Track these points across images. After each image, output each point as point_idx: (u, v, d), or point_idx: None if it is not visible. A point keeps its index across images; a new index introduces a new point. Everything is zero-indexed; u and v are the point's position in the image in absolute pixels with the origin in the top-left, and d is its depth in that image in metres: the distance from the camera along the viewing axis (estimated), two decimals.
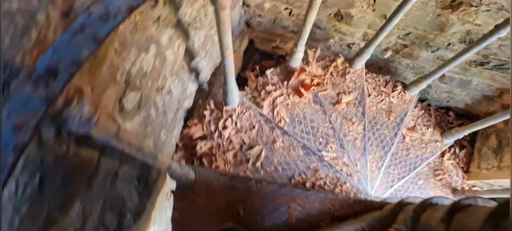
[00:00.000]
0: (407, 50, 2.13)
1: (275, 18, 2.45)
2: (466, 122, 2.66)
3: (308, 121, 2.03)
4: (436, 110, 2.66)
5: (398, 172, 2.39)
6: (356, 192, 1.68)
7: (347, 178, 1.73)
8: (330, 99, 2.18)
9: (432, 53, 1.99)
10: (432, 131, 2.42)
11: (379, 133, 2.28)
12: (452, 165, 2.50)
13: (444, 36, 1.77)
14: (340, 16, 2.14)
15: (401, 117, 2.32)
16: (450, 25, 1.67)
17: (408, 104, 2.32)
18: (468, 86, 2.19)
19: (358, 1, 1.85)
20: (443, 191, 2.47)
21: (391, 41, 2.16)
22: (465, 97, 2.34)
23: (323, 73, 2.26)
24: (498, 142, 2.18)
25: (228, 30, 1.04)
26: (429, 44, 1.93)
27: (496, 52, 1.68)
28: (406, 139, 2.41)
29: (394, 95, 2.33)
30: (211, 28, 1.75)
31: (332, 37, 2.45)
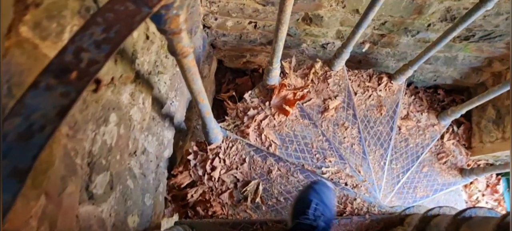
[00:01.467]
0: (386, 39, 2.06)
1: (241, 34, 2.34)
2: (457, 96, 2.62)
3: (300, 138, 1.92)
4: (424, 92, 2.60)
5: (402, 165, 2.31)
6: (369, 206, 1.57)
7: (356, 193, 1.62)
8: (317, 108, 2.07)
9: (412, 37, 1.93)
10: (427, 116, 2.36)
11: (375, 131, 2.20)
12: (454, 144, 2.44)
13: (423, 18, 1.71)
14: (309, 19, 2.05)
15: (393, 109, 2.24)
16: (428, 6, 1.60)
17: (398, 94, 2.25)
18: (454, 62, 2.14)
19: (326, 1, 1.76)
20: (450, 173, 2.40)
21: (367, 33, 2.08)
22: (452, 73, 2.30)
23: (304, 82, 2.15)
24: (496, 112, 2.14)
25: (196, 74, 0.91)
26: (408, 29, 1.86)
27: (481, 24, 1.63)
28: (402, 129, 2.33)
29: (381, 88, 2.25)
30: (176, 66, 1.61)
31: (304, 41, 2.36)
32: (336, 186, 1.63)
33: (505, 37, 1.70)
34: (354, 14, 1.82)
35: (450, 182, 2.40)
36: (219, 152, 1.73)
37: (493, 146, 2.19)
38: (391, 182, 2.27)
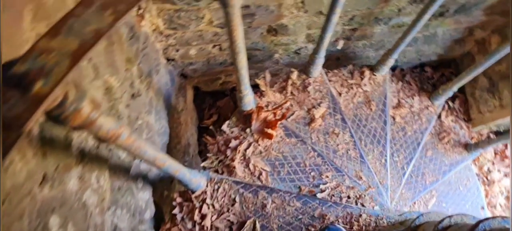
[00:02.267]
0: (358, 32, 1.96)
1: (208, 59, 2.23)
2: (445, 70, 2.52)
3: (291, 159, 1.79)
4: (411, 74, 2.50)
5: (404, 156, 2.19)
6: (376, 219, 1.45)
7: (360, 209, 1.50)
8: (302, 121, 1.95)
9: (385, 25, 1.83)
10: (419, 99, 2.25)
11: (368, 129, 2.08)
12: (453, 121, 2.34)
13: (391, 4, 1.61)
14: (274, 31, 1.95)
15: (382, 101, 2.13)
16: None
17: (384, 85, 2.14)
18: (434, 39, 2.04)
19: (286, 9, 1.66)
20: (455, 151, 2.29)
21: (338, 31, 1.98)
22: (435, 49, 2.20)
23: (283, 96, 2.04)
24: (488, 80, 2.04)
25: (140, 148, 0.79)
26: (378, 18, 1.76)
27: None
28: (396, 119, 2.22)
29: (365, 82, 2.14)
30: (137, 118, 1.49)
31: (275, 51, 2.26)
32: (338, 206, 1.51)
33: (481, 4, 1.61)
34: (319, 16, 1.72)
35: (458, 160, 2.29)
36: (206, 198, 1.59)
37: (493, 114, 2.08)
38: (397, 176, 2.15)
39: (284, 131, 1.83)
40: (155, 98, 1.88)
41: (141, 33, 1.69)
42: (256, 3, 1.60)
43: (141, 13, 1.64)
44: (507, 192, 2.45)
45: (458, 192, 2.35)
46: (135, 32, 1.59)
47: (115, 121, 0.68)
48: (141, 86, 1.66)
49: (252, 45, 2.12)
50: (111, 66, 1.29)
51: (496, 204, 2.42)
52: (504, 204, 2.43)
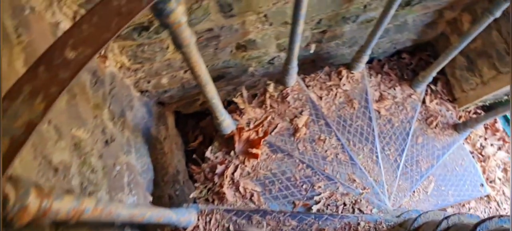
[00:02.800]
0: (328, 34, 1.95)
1: (182, 84, 2.20)
2: (422, 54, 2.53)
3: (280, 175, 1.77)
4: (389, 63, 2.51)
5: (395, 148, 2.19)
6: (375, 225, 1.43)
7: (357, 217, 1.48)
8: (286, 133, 1.93)
9: (353, 23, 1.83)
10: (400, 88, 2.25)
11: (354, 128, 2.07)
12: (438, 104, 2.34)
13: (356, 2, 1.61)
14: (243, 47, 1.93)
15: (364, 98, 2.12)
16: None
17: (363, 81, 2.14)
18: (406, 27, 2.05)
19: (250, 26, 1.64)
20: (445, 134, 2.29)
21: (308, 36, 1.97)
22: (409, 36, 2.21)
23: (263, 111, 2.02)
24: (466, 58, 2.05)
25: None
26: (345, 17, 1.76)
27: None
28: (381, 112, 2.21)
29: (344, 82, 2.13)
30: (114, 165, 1.45)
31: (248, 65, 2.24)
32: (335, 217, 1.49)
33: None
34: (285, 26, 1.70)
35: (449, 142, 2.29)
36: None
37: (476, 92, 2.09)
38: (391, 170, 2.15)
39: (269, 148, 1.80)
40: (132, 136, 1.84)
41: (106, 74, 1.65)
42: (219, 25, 1.58)
43: (103, 55, 1.61)
44: (504, 164, 2.46)
45: (455, 173, 2.36)
46: (99, 76, 1.55)
47: (74, 197, 0.64)
48: (114, 130, 1.61)
49: (224, 64, 2.10)
50: (77, 119, 1.26)
51: (494, 179, 2.43)
52: (502, 177, 2.45)
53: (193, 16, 1.43)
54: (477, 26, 1.50)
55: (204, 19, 1.48)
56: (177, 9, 0.71)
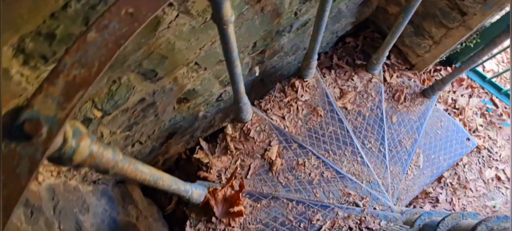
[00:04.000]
0: (268, 52, 1.85)
1: (135, 156, 2.01)
2: (365, 32, 2.52)
3: (273, 223, 1.62)
4: (337, 53, 2.46)
5: (375, 138, 2.12)
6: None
7: None
8: (262, 171, 1.80)
9: (290, 33, 1.74)
10: (358, 77, 2.19)
11: (328, 136, 1.97)
12: (398, 77, 2.31)
13: (285, 15, 1.52)
14: (184, 99, 1.79)
15: (326, 101, 2.04)
16: (280, 4, 1.41)
17: (319, 85, 2.05)
18: (342, 15, 2.00)
19: (183, 79, 1.50)
20: (417, 104, 2.26)
21: (248, 62, 1.86)
22: (346, 21, 2.16)
23: (230, 157, 1.88)
24: (411, 24, 2.03)
25: None
26: (280, 31, 1.67)
27: None
28: (348, 108, 2.14)
29: (301, 93, 2.04)
30: None
31: (198, 111, 2.10)
32: None
33: None
34: (221, 64, 1.58)
35: (423, 110, 2.26)
36: None
37: (432, 53, 2.08)
38: (379, 161, 2.07)
39: (250, 198, 1.66)
40: None
41: (42, 194, 1.44)
42: (150, 91, 1.43)
43: (34, 177, 1.40)
44: (479, 110, 2.48)
45: (438, 137, 2.33)
46: (33, 204, 1.34)
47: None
48: None
49: (171, 122, 1.94)
50: None
51: (476, 127, 2.44)
52: (483, 122, 2.46)
53: (116, 97, 1.26)
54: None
55: (131, 95, 1.33)
56: (80, 147, 0.57)
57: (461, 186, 2.36)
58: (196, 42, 1.26)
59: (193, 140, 2.45)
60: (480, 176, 2.37)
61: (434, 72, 2.46)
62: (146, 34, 1.00)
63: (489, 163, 2.38)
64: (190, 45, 1.24)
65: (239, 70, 1.19)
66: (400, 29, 1.58)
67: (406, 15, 1.47)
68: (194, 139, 2.43)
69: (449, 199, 2.36)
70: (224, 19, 0.84)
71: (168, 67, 1.30)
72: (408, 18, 1.49)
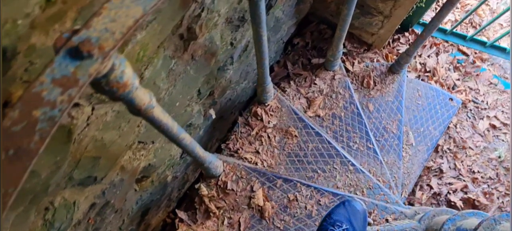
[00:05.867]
0: (217, 92, 1.73)
1: None
2: (310, 27, 2.44)
3: None
4: (289, 59, 2.37)
5: (359, 136, 2.02)
6: None
7: None
8: (255, 222, 1.66)
9: (233, 64, 1.62)
10: (319, 79, 2.10)
11: (311, 154, 1.86)
12: (359, 62, 2.24)
13: (220, 51, 1.39)
14: (144, 177, 1.63)
15: (296, 117, 1.93)
16: (210, 43, 1.28)
17: (282, 103, 1.94)
18: (281, 22, 1.90)
19: (132, 161, 1.35)
20: (388, 84, 2.18)
21: (199, 109, 1.73)
22: (288, 25, 2.08)
23: (214, 219, 1.73)
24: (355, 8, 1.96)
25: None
26: (221, 68, 1.55)
27: None
28: (321, 115, 2.04)
29: (266, 120, 1.92)
30: None
31: (163, 180, 1.93)
32: None
33: None
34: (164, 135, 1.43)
35: (397, 87, 2.19)
36: None
37: (385, 28, 2.02)
38: (371, 159, 1.98)
39: None
40: None
41: None
42: (97, 194, 1.26)
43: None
44: (450, 63, 2.45)
45: (420, 108, 2.27)
46: None
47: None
48: None
49: (138, 204, 1.77)
50: None
51: (453, 83, 2.40)
52: (458, 75, 2.43)
53: (57, 223, 1.09)
54: None
55: (74, 211, 1.15)
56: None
57: (459, 148, 2.31)
58: (128, 125, 1.11)
59: (172, 202, 2.28)
60: (474, 131, 2.32)
61: (394, 42, 2.41)
62: (59, 149, 0.84)
63: (479, 114, 2.35)
64: (123, 131, 1.09)
65: (188, 141, 1.05)
66: (347, 20, 1.50)
67: (349, 5, 1.39)
68: (173, 200, 2.26)
69: (452, 166, 2.31)
70: (143, 109, 0.70)
71: (107, 164, 1.14)
72: (352, 8, 1.41)
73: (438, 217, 1.17)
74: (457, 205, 2.20)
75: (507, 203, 2.20)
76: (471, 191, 2.22)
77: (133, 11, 0.52)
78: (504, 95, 2.38)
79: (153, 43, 0.93)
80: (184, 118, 1.59)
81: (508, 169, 2.25)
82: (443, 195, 2.26)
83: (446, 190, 2.26)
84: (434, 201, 2.28)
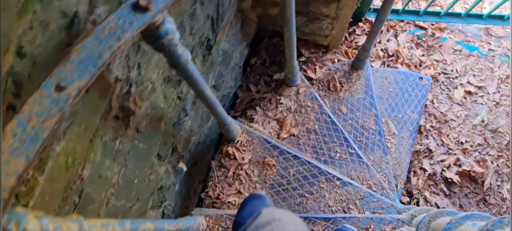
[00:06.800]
0: (181, 146, 1.64)
1: None
2: (263, 44, 2.40)
3: None
4: (250, 82, 2.32)
5: (339, 144, 1.96)
6: None
7: None
8: None
9: (188, 115, 1.55)
10: (284, 97, 2.04)
11: (294, 184, 1.79)
12: (321, 67, 2.19)
13: (167, 111, 1.31)
14: None
15: (269, 146, 1.86)
16: (153, 109, 1.21)
17: (252, 135, 1.87)
18: (230, 53, 1.84)
19: None
20: (353, 79, 2.15)
21: (167, 168, 1.64)
22: (238, 52, 2.02)
23: None
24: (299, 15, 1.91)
25: None
26: (176, 124, 1.47)
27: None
28: (295, 134, 1.98)
29: (240, 157, 1.85)
30: None
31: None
32: None
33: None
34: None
35: (364, 83, 2.15)
36: None
37: (337, 28, 1.98)
38: (356, 164, 1.93)
39: None
40: None
41: None
42: None
43: None
44: (412, 42, 2.43)
45: (392, 94, 2.24)
46: None
47: None
48: None
49: None
50: None
51: (419, 61, 2.38)
52: (422, 50, 2.41)
53: None
54: None
55: None
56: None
57: (441, 122, 2.29)
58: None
59: None
60: (452, 102, 2.30)
61: (350, 35, 2.38)
62: None
63: (452, 84, 2.33)
64: None
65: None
66: (292, 41, 1.45)
67: (288, 27, 1.33)
68: None
69: (439, 143, 2.27)
70: None
71: None
72: (292, 29, 1.36)
73: (434, 222, 1.11)
74: (454, 180, 2.17)
75: (501, 165, 2.18)
76: (464, 163, 2.19)
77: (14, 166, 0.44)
78: (471, 59, 2.37)
79: (81, 143, 0.85)
80: (150, 187, 1.50)
81: (495, 131, 2.23)
82: (438, 174, 2.23)
83: (440, 168, 2.23)
84: (431, 183, 2.24)
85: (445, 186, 2.21)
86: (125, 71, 0.92)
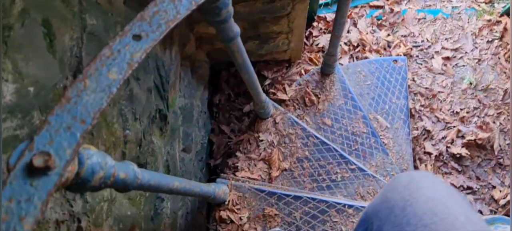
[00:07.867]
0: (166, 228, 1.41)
1: None
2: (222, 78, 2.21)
3: None
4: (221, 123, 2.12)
5: (337, 164, 1.79)
6: None
7: None
8: None
9: (165, 200, 1.32)
10: (263, 133, 1.83)
11: (300, 224, 1.59)
12: (289, 84, 2.02)
13: (140, 214, 1.09)
14: None
15: (262, 196, 1.65)
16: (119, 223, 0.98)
17: (240, 190, 1.65)
18: (189, 106, 1.63)
19: None
20: (328, 87, 1.99)
21: None
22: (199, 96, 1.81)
23: None
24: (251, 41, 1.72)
25: None
26: (154, 215, 1.24)
27: None
28: (288, 168, 1.78)
29: (235, 220, 1.62)
30: None
31: None
32: None
33: None
34: None
35: (340, 87, 1.99)
36: None
37: (294, 40, 1.82)
38: (361, 179, 1.77)
39: None
40: None
41: None
42: None
43: None
44: (373, 25, 2.31)
45: (372, 87, 2.09)
46: None
47: None
48: None
49: None
50: None
51: (387, 43, 2.26)
52: (386, 32, 2.29)
53: None
54: None
55: None
56: None
57: (430, 98, 2.16)
58: None
59: None
60: (433, 73, 2.19)
61: (309, 39, 2.23)
62: None
63: (427, 55, 2.22)
64: None
65: None
66: (253, 80, 1.27)
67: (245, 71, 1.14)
68: None
69: (434, 120, 2.14)
70: None
71: None
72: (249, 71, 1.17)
73: None
74: (463, 154, 2.04)
75: (505, 122, 2.07)
76: (466, 133, 2.07)
77: None
78: (437, 23, 2.27)
79: None
80: None
81: (486, 89, 2.13)
82: (444, 152, 2.09)
83: (444, 146, 2.09)
84: (440, 164, 2.10)
85: (455, 163, 2.07)
86: (65, 208, 0.68)
